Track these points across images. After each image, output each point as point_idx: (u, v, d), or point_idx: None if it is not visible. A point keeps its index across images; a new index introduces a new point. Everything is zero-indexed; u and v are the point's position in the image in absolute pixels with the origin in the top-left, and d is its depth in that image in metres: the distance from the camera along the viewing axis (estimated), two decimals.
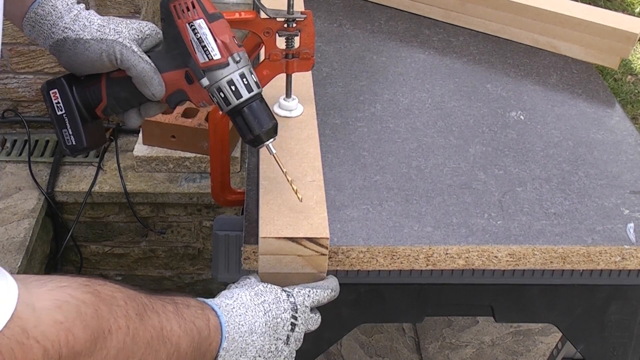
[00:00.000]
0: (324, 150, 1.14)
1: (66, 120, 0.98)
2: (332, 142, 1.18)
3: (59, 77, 0.99)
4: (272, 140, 0.95)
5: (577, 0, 1.57)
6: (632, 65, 3.50)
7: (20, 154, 2.17)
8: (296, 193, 0.96)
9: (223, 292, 0.92)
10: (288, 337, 0.91)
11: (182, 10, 0.92)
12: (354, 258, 0.99)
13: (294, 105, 1.17)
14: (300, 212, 0.97)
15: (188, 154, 2.06)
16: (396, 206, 1.05)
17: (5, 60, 2.10)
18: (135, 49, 0.93)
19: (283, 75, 1.12)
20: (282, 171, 0.97)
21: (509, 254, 1.01)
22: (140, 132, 2.08)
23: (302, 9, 1.08)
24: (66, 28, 0.94)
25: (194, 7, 0.92)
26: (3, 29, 0.72)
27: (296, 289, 0.93)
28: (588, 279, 1.06)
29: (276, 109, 1.17)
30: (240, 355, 0.87)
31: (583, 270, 1.04)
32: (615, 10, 3.09)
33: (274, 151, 0.96)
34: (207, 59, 0.92)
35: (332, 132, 1.21)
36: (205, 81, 0.92)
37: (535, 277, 1.05)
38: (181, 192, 2.04)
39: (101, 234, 2.17)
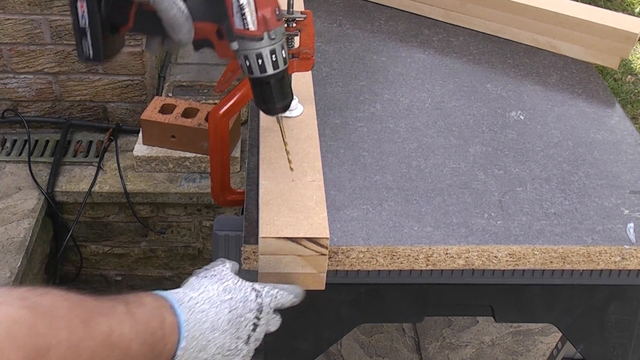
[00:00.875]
0: (324, 150, 1.14)
1: (88, 32, 0.96)
2: (332, 142, 1.18)
3: None
4: (284, 113, 0.98)
5: (577, 0, 1.57)
6: (632, 65, 3.50)
7: (20, 154, 2.17)
8: (289, 163, 0.99)
9: (190, 280, 0.90)
10: (249, 336, 0.90)
11: None
12: (354, 258, 0.99)
13: (294, 105, 1.17)
14: (300, 212, 0.97)
15: (188, 154, 2.06)
16: (396, 206, 1.05)
17: (5, 60, 2.10)
18: None
19: None
20: (283, 140, 1.00)
21: (509, 254, 1.01)
22: (140, 132, 2.08)
23: (302, 9, 1.08)
24: None
25: None
26: (3, 29, 0.71)
27: (266, 289, 0.92)
28: (588, 279, 1.06)
29: None
30: (200, 352, 0.85)
31: (583, 270, 1.04)
32: (615, 10, 3.09)
33: (282, 120, 0.98)
34: (242, 27, 0.90)
35: (332, 132, 1.21)
36: (235, 45, 0.91)
37: (535, 277, 1.05)
38: (181, 192, 2.04)
39: (101, 234, 2.17)
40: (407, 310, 1.11)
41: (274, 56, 0.91)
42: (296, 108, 1.17)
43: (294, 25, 1.05)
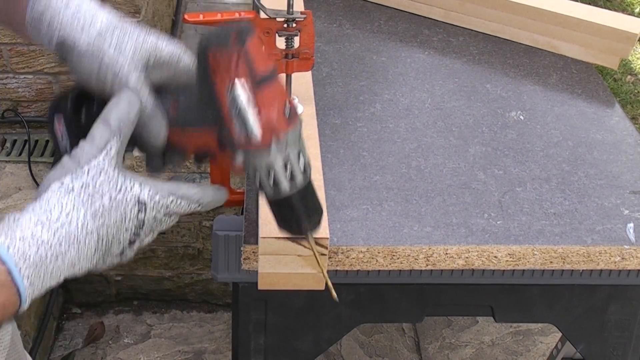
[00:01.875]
0: (324, 150, 1.14)
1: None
2: (332, 142, 1.18)
3: (68, 94, 0.78)
4: (315, 231, 0.80)
5: (577, 0, 1.57)
6: (632, 65, 3.50)
7: (20, 154, 2.17)
8: (331, 290, 0.85)
9: (48, 194, 0.65)
10: (122, 251, 0.72)
11: (223, 64, 0.69)
12: (353, 258, 0.99)
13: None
14: None
15: None
16: (396, 206, 1.05)
17: (5, 60, 2.10)
18: (133, 81, 0.71)
19: (283, 75, 1.12)
20: (322, 272, 0.89)
21: (508, 254, 1.01)
22: None
23: (302, 9, 1.08)
24: (63, 27, 0.72)
25: (238, 63, 0.69)
26: (2, 29, 0.69)
27: (157, 199, 0.70)
28: (588, 279, 1.06)
29: None
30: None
31: (583, 270, 1.04)
32: (615, 10, 3.09)
33: (313, 241, 0.82)
34: (243, 136, 0.70)
35: (332, 132, 1.21)
36: (239, 157, 0.72)
37: (535, 277, 1.05)
38: None
39: None
40: (407, 310, 1.11)
41: (288, 166, 0.72)
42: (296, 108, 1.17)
43: (294, 25, 1.05)
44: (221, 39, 0.69)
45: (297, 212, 0.76)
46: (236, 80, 0.69)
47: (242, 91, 0.69)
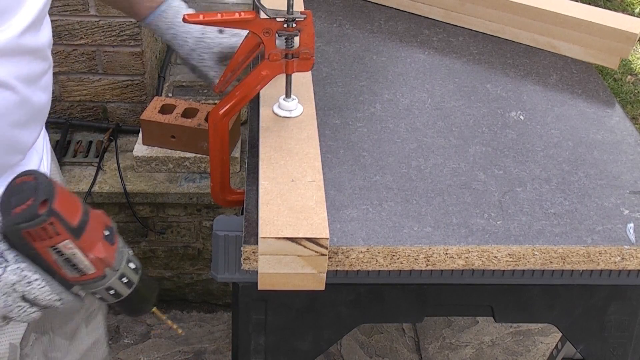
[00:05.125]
0: (324, 151, 1.14)
1: None
2: (332, 142, 1.18)
3: None
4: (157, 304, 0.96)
5: (577, 0, 1.57)
6: (632, 65, 3.50)
7: None
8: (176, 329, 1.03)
9: None
10: None
11: (39, 236, 0.78)
12: (353, 258, 0.99)
13: (293, 105, 1.17)
14: (300, 212, 0.97)
15: (188, 154, 2.06)
16: (396, 206, 1.05)
17: None
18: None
19: (283, 75, 1.12)
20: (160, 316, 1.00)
21: (508, 254, 1.01)
22: (140, 132, 2.08)
23: (302, 9, 1.08)
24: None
25: (54, 229, 0.78)
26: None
27: (20, 268, 0.80)
28: (588, 279, 1.06)
29: (276, 109, 1.17)
30: None
31: (583, 270, 1.04)
32: (615, 10, 3.09)
33: (164, 317, 1.00)
34: (78, 274, 0.82)
35: (332, 132, 1.21)
36: (79, 290, 0.85)
37: (535, 277, 1.05)
38: (181, 192, 2.04)
39: None
40: (407, 310, 1.11)
41: (124, 278, 0.85)
42: (296, 108, 1.17)
43: (294, 25, 1.05)
44: (30, 216, 0.76)
45: (137, 302, 0.89)
46: (58, 244, 0.78)
47: (66, 247, 0.78)
